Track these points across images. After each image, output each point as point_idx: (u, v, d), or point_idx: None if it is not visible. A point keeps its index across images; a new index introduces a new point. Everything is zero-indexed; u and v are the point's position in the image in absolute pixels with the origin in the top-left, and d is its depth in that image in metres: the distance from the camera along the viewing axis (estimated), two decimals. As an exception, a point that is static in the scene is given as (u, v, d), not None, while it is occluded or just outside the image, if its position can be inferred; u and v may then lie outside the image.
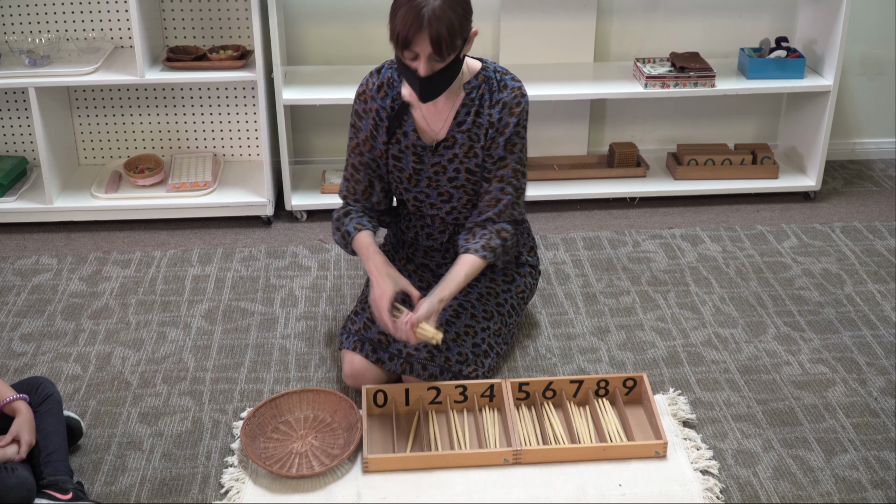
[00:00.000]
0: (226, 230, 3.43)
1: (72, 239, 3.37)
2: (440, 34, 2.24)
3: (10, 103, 3.56)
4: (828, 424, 2.47)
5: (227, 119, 3.67)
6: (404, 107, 2.54)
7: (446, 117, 2.53)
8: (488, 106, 2.50)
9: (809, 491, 2.26)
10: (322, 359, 2.73)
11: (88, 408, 2.52)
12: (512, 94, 2.50)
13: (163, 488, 2.26)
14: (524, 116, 2.52)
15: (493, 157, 2.52)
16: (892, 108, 3.97)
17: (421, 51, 2.28)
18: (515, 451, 2.31)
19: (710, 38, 3.74)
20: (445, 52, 2.29)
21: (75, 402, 2.54)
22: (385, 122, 2.55)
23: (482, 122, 2.51)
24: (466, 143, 2.53)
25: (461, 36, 2.32)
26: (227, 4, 3.48)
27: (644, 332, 2.86)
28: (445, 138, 2.54)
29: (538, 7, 3.52)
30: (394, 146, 2.57)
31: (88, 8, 3.46)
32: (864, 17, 3.72)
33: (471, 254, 2.49)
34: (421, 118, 2.54)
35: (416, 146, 2.55)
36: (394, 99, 2.54)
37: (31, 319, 2.90)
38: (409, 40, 2.26)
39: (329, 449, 2.35)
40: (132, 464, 2.33)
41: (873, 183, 3.84)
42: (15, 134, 3.61)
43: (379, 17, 3.51)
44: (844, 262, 3.24)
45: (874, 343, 2.80)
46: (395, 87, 2.55)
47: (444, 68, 2.34)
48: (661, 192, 3.63)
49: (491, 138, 2.51)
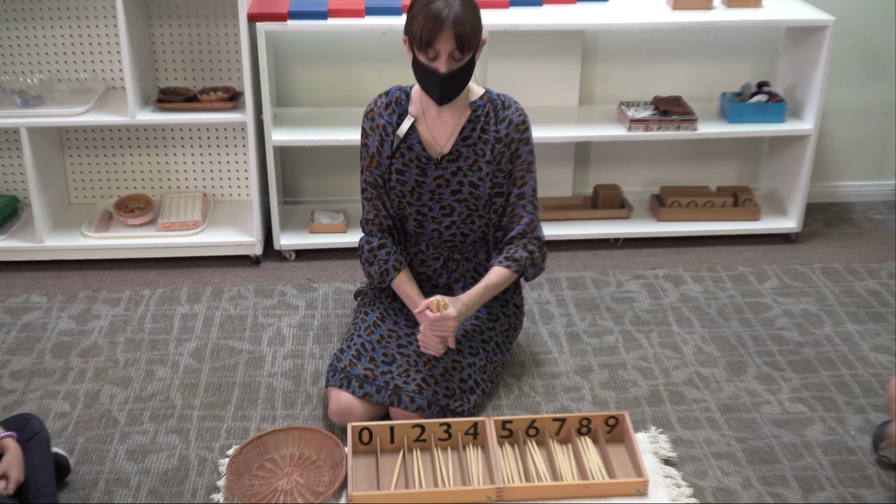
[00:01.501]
0: (215, 269, 3.46)
1: (62, 277, 3.39)
2: (463, 30, 2.42)
3: (2, 143, 3.58)
4: (806, 462, 2.50)
5: (216, 159, 3.70)
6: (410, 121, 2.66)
7: (452, 132, 2.64)
8: (494, 122, 2.64)
9: (787, 528, 2.30)
10: (308, 397, 2.76)
11: (76, 445, 2.54)
12: (517, 112, 2.66)
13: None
14: (530, 133, 2.68)
15: (514, 177, 2.66)
16: (872, 151, 4.03)
17: (442, 48, 2.44)
18: (498, 488, 2.33)
19: (692, 83, 3.79)
20: (466, 48, 2.45)
21: (63, 439, 2.55)
22: (390, 137, 2.65)
23: (488, 138, 2.63)
24: (471, 157, 2.63)
25: (477, 36, 2.49)
26: (218, 47, 3.53)
27: (626, 370, 2.90)
28: (450, 152, 2.64)
29: (524, 51, 3.58)
30: (397, 160, 2.66)
31: (80, 49, 3.50)
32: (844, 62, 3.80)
33: (498, 265, 2.64)
34: (426, 132, 2.65)
35: (421, 157, 2.65)
36: (400, 115, 2.66)
37: (20, 357, 2.92)
38: (432, 39, 2.43)
39: (314, 486, 2.37)
40: (119, 500, 2.35)
41: (853, 225, 3.89)
42: (6, 173, 3.64)
43: (367, 61, 3.61)
44: (824, 303, 3.29)
45: (852, 382, 2.85)
46: (402, 104, 2.68)
47: (460, 69, 2.49)
48: (645, 233, 3.67)
49: (500, 153, 2.64)
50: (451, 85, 2.53)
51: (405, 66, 3.52)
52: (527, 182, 2.69)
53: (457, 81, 2.54)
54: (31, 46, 3.49)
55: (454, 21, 2.41)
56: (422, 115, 2.67)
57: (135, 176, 3.71)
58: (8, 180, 3.66)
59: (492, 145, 2.64)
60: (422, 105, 2.67)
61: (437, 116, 2.66)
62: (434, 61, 2.48)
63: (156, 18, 3.48)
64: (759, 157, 3.97)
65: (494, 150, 2.65)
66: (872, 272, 3.48)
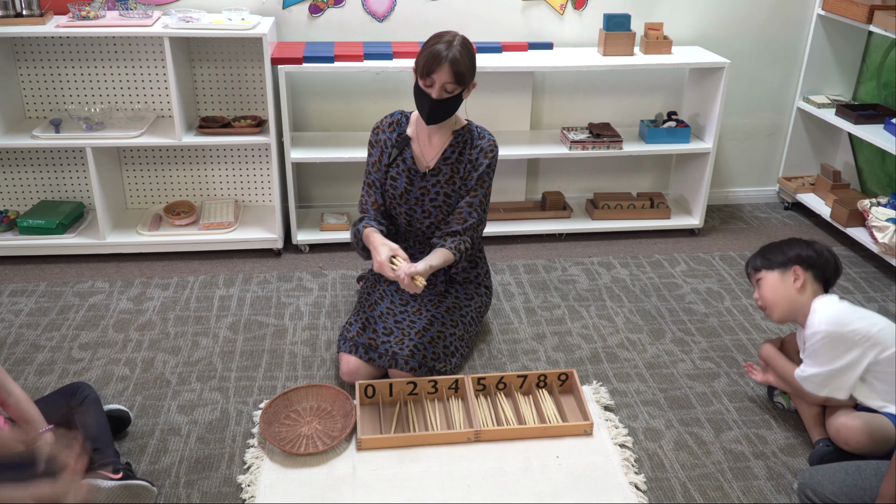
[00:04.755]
0: (245, 260, 3.39)
1: (121, 267, 3.30)
2: (457, 68, 2.37)
3: (71, 160, 3.49)
4: (715, 408, 2.49)
5: (246, 173, 3.63)
6: (406, 139, 2.59)
7: (437, 153, 2.57)
8: (469, 149, 2.57)
9: (704, 460, 2.27)
10: (323, 361, 2.69)
11: (136, 402, 2.46)
12: (488, 143, 2.58)
13: (197, 465, 2.21)
14: (495, 162, 2.58)
15: (467, 186, 2.56)
16: (758, 164, 4.03)
17: (437, 79, 2.38)
18: (476, 431, 2.30)
19: (618, 112, 3.77)
20: (458, 83, 2.39)
21: (125, 398, 2.48)
22: (389, 150, 2.58)
23: (463, 160, 2.57)
24: (448, 173, 2.57)
25: (469, 75, 2.43)
26: (247, 83, 3.45)
27: (572, 337, 2.86)
28: (433, 168, 2.57)
29: (488, 88, 3.54)
30: (393, 169, 2.59)
31: (135, 84, 3.41)
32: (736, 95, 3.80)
33: (446, 248, 2.51)
34: (418, 150, 2.59)
35: (411, 170, 2.58)
36: (399, 134, 2.59)
37: (87, 332, 2.83)
38: (431, 71, 2.37)
39: (330, 432, 2.32)
40: (172, 446, 2.28)
41: (743, 222, 3.90)
42: (74, 183, 3.54)
43: (364, 96, 3.56)
44: (723, 283, 3.28)
45: (749, 344, 2.83)
46: (402, 125, 2.62)
47: (448, 99, 2.43)
48: (582, 229, 3.64)
49: (467, 172, 2.56)
50: (438, 109, 2.46)
51: (394, 100, 3.52)
52: (478, 194, 2.57)
53: (443, 108, 2.46)
54: (95, 82, 3.40)
55: (451, 60, 2.36)
56: (416, 136, 2.60)
57: (180, 186, 3.63)
58: (76, 189, 3.56)
59: (464, 165, 2.57)
60: (417, 128, 2.60)
61: (428, 139, 2.58)
62: (429, 87, 2.42)
63: (197, 61, 3.40)
64: (668, 169, 3.97)
65: (465, 170, 2.57)
66: (758, 258, 3.47)
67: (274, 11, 3.37)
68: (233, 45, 3.37)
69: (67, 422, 2.10)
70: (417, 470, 2.19)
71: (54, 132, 3.20)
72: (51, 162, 3.49)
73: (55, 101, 3.41)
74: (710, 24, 3.65)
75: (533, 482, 2.16)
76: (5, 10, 3.06)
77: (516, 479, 2.17)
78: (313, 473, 2.17)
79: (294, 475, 2.17)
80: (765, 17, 3.68)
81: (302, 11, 3.39)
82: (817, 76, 3.78)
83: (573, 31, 3.57)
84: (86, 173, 3.50)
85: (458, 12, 3.46)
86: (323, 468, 2.19)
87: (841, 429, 2.15)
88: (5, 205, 3.53)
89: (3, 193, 3.52)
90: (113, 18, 3.12)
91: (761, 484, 2.18)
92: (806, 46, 3.74)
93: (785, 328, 2.91)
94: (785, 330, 2.90)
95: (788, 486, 2.17)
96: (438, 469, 2.20)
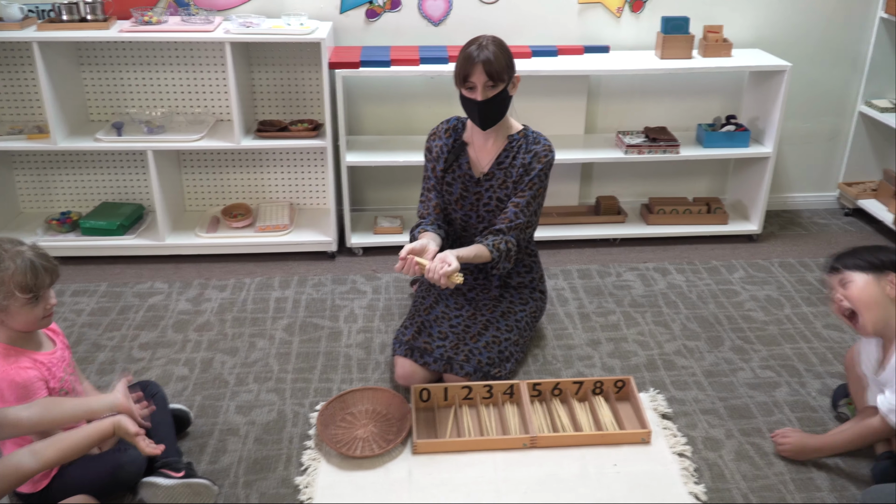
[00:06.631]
0: (300, 262, 3.41)
1: (179, 269, 3.35)
2: (491, 66, 2.34)
3: (132, 162, 3.56)
4: (776, 418, 2.43)
5: (301, 176, 3.66)
6: (463, 145, 2.58)
7: (492, 158, 2.56)
8: (524, 153, 2.53)
9: (765, 471, 2.22)
10: (377, 363, 2.70)
11: (195, 402, 2.49)
12: (543, 148, 2.54)
13: (255, 466, 2.23)
14: (549, 165, 2.54)
15: (517, 189, 2.54)
16: (817, 169, 3.94)
17: (476, 80, 2.36)
18: (532, 437, 2.28)
19: (674, 116, 3.71)
20: (497, 79, 2.36)
21: (184, 398, 2.51)
22: (444, 155, 2.58)
23: (517, 164, 2.53)
24: (502, 178, 2.55)
25: (507, 70, 2.39)
26: (305, 87, 3.48)
27: (628, 343, 2.83)
28: (488, 172, 2.56)
29: (543, 92, 3.52)
30: (449, 175, 2.59)
31: (196, 89, 3.47)
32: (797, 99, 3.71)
33: (483, 244, 2.47)
34: (474, 155, 2.58)
35: (466, 176, 2.57)
36: (455, 139, 2.58)
37: (147, 332, 2.88)
38: (467, 74, 2.36)
39: (386, 435, 2.32)
40: (231, 446, 2.30)
41: (802, 228, 3.81)
42: (135, 185, 3.61)
43: (418, 100, 3.56)
44: (783, 290, 3.20)
45: (810, 353, 2.76)
46: (458, 131, 2.61)
47: (495, 97, 2.40)
48: (637, 234, 3.59)
49: (520, 176, 2.53)
50: (488, 111, 2.44)
51: (448, 104, 3.51)
52: (525, 195, 2.52)
53: (494, 108, 2.44)
54: (155, 86, 3.46)
55: (484, 59, 2.34)
56: (472, 142, 2.59)
57: (237, 188, 3.68)
58: (136, 191, 3.63)
59: (518, 170, 2.54)
60: (472, 133, 2.59)
61: (483, 144, 2.57)
62: (472, 92, 2.40)
63: (255, 66, 3.44)
64: (726, 173, 3.90)
65: (518, 174, 2.54)
66: (820, 265, 3.39)
67: (331, 16, 3.40)
68: (291, 50, 3.40)
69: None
70: (473, 475, 2.18)
71: (116, 135, 3.27)
72: (112, 164, 3.56)
73: (117, 105, 3.48)
74: (770, 27, 3.58)
75: (590, 490, 2.13)
76: (70, 14, 3.13)
77: (573, 486, 2.15)
78: (369, 476, 2.18)
79: (350, 477, 2.17)
80: (826, 19, 3.60)
81: (359, 16, 3.41)
82: (880, 80, 3.68)
83: (630, 33, 3.53)
84: (146, 176, 3.56)
85: (513, 15, 3.45)
86: (379, 471, 2.19)
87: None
88: (68, 206, 3.62)
89: (67, 195, 3.61)
90: (175, 24, 3.17)
91: (824, 496, 2.12)
92: (868, 49, 3.64)
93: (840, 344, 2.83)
94: (844, 344, 2.82)
95: (852, 498, 2.11)
96: (494, 474, 2.18)
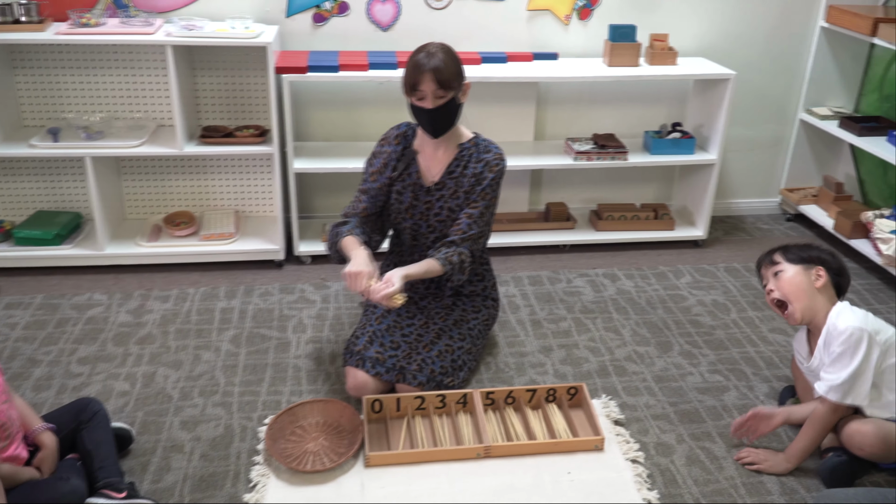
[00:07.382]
0: (246, 271, 3.33)
1: (119, 279, 3.24)
2: (441, 73, 2.31)
3: (69, 169, 3.43)
4: (726, 421, 2.45)
5: (247, 182, 3.58)
6: (413, 153, 2.54)
7: (442, 167, 2.53)
8: (474, 162, 2.51)
9: (716, 475, 2.23)
10: (328, 374, 2.64)
11: (137, 418, 2.40)
12: (494, 157, 2.52)
13: (201, 484, 2.16)
14: (500, 175, 2.52)
15: (469, 199, 2.50)
16: (761, 176, 4.01)
17: (426, 89, 2.32)
18: (486, 446, 2.25)
19: (622, 123, 3.75)
20: (446, 87, 2.33)
21: (125, 414, 2.42)
22: (393, 163, 2.53)
23: (468, 174, 2.51)
24: (452, 188, 2.52)
25: (457, 78, 2.37)
26: (250, 92, 3.41)
27: (579, 350, 2.83)
28: (438, 182, 2.52)
29: (492, 98, 3.51)
30: (398, 183, 2.54)
31: (136, 93, 3.36)
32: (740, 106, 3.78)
33: (434, 258, 2.45)
34: (424, 164, 2.54)
35: (416, 185, 2.53)
36: (405, 147, 2.54)
37: (86, 346, 2.77)
38: (417, 82, 2.32)
39: (337, 448, 2.27)
40: (175, 464, 2.22)
41: (746, 233, 3.88)
42: (72, 193, 3.48)
43: (367, 105, 3.52)
44: (728, 294, 3.25)
45: (757, 357, 2.81)
46: (409, 138, 2.57)
47: (445, 105, 2.37)
48: (586, 240, 3.61)
49: (471, 185, 2.50)
50: (439, 119, 2.41)
51: (397, 110, 3.48)
52: (478, 206, 2.49)
53: (444, 117, 2.41)
54: (94, 90, 3.35)
55: (433, 67, 2.31)
56: (422, 150, 2.56)
57: (180, 196, 3.58)
58: (74, 199, 3.50)
59: (468, 179, 2.52)
60: (423, 141, 2.56)
61: (433, 153, 2.54)
62: (421, 101, 2.37)
63: (199, 70, 3.36)
64: (672, 180, 3.95)
65: (469, 184, 2.51)
66: (763, 270, 3.45)
67: (278, 20, 3.33)
68: (236, 54, 3.32)
69: (73, 438, 2.07)
70: (427, 486, 2.15)
71: (52, 141, 3.15)
72: (48, 171, 3.43)
73: (54, 110, 3.35)
74: (715, 36, 3.64)
75: (545, 499, 2.11)
76: (3, 16, 3.01)
77: (528, 495, 2.13)
78: (321, 491, 2.12)
79: (301, 493, 2.12)
80: (769, 28, 3.68)
81: (306, 20, 3.36)
82: (820, 88, 3.78)
83: (578, 41, 3.55)
84: (84, 183, 3.44)
85: (462, 22, 3.44)
86: (331, 485, 2.14)
87: (854, 434, 2.15)
88: (1, 215, 3.47)
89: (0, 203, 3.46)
90: (114, 26, 3.07)
91: (774, 499, 2.14)
92: (809, 58, 3.73)
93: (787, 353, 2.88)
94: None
95: (801, 500, 2.14)
96: (449, 486, 2.15)
